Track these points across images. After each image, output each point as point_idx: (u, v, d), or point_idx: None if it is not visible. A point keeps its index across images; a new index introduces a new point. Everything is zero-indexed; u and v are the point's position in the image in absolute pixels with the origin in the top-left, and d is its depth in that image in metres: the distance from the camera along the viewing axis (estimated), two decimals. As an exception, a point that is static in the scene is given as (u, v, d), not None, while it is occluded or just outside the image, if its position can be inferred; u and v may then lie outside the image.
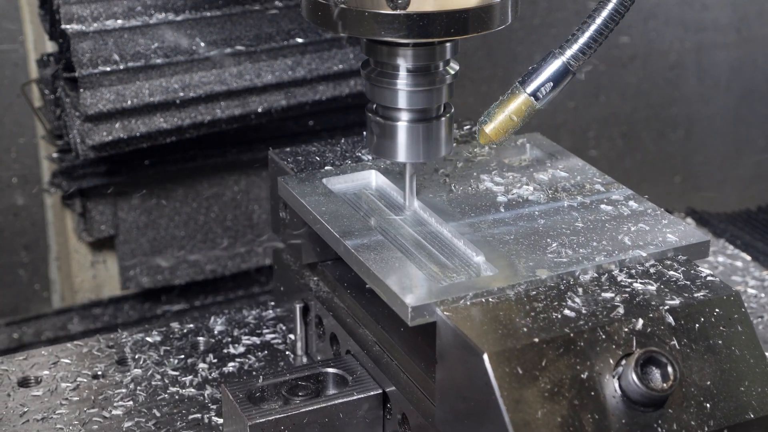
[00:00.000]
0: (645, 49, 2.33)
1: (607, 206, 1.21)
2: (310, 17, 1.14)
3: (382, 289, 1.08)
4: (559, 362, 0.98)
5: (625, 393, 0.99)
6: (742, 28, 2.41)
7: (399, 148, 1.20)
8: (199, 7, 1.62)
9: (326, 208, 1.21)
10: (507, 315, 1.02)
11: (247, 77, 1.63)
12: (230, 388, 1.15)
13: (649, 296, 1.05)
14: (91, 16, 1.57)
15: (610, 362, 0.99)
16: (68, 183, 1.71)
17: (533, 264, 1.09)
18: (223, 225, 1.83)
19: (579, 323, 1.01)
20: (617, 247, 1.12)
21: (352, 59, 1.68)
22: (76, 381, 1.27)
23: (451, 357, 1.02)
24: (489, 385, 0.97)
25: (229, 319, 1.39)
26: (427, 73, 1.17)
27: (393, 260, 1.11)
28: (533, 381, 0.97)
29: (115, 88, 1.56)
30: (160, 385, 1.27)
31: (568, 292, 1.06)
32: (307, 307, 1.32)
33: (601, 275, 1.09)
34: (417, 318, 1.04)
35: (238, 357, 1.32)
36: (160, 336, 1.36)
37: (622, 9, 1.14)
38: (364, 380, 1.17)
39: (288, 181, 1.27)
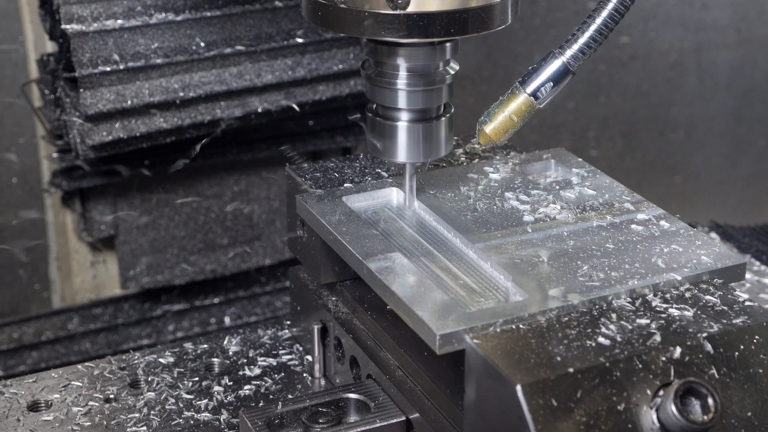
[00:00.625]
0: (645, 49, 2.33)
1: (638, 226, 1.17)
2: (310, 17, 1.14)
3: (408, 315, 1.04)
4: (594, 393, 0.94)
5: (664, 425, 0.95)
6: (742, 28, 2.41)
7: (399, 148, 1.20)
8: (199, 7, 1.62)
9: (347, 228, 1.17)
10: (539, 343, 0.98)
11: (247, 77, 1.63)
12: (248, 415, 1.12)
13: (686, 323, 1.01)
14: (91, 16, 1.57)
15: (648, 393, 0.96)
16: (68, 183, 1.71)
17: (564, 288, 1.05)
18: (223, 225, 1.83)
19: (614, 352, 0.97)
20: (650, 270, 1.08)
21: (352, 59, 1.68)
22: (87, 405, 1.24)
23: (481, 386, 0.98)
24: (522, 418, 0.93)
25: (244, 339, 1.35)
26: (427, 73, 1.17)
27: (419, 284, 1.07)
28: (568, 413, 0.93)
29: (115, 88, 1.56)
30: (174, 410, 1.23)
31: (601, 318, 1.02)
32: (326, 328, 1.27)
33: (635, 300, 1.05)
34: (445, 346, 1.00)
35: (254, 379, 1.29)
36: (174, 357, 1.32)
37: (622, 9, 1.14)
38: (386, 407, 1.13)
39: (306, 199, 1.23)
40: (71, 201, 1.76)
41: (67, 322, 1.81)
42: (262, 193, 1.84)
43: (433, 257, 1.15)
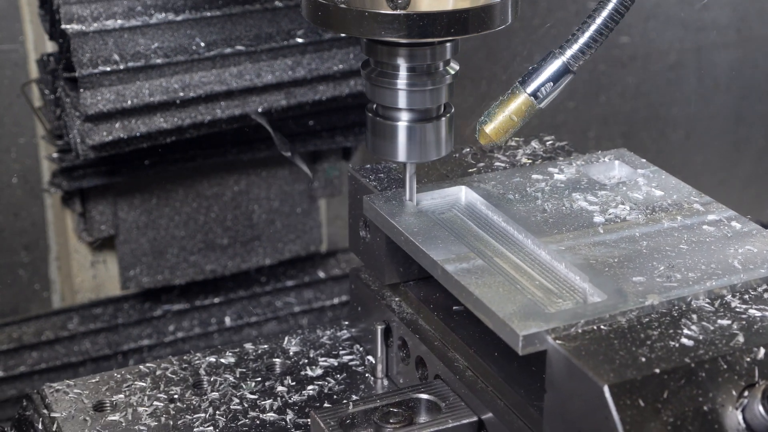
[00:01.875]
0: (645, 49, 2.33)
1: (710, 227, 1.16)
2: (310, 17, 1.14)
3: (488, 316, 1.03)
4: (680, 393, 0.94)
5: (750, 426, 0.95)
6: (742, 28, 2.41)
7: (399, 148, 1.20)
8: (199, 7, 1.62)
9: (418, 229, 1.16)
10: (622, 343, 0.98)
11: (247, 77, 1.63)
12: (320, 415, 1.11)
13: (767, 322, 1.01)
14: (91, 16, 1.57)
15: (733, 394, 0.96)
16: (68, 183, 1.71)
17: (642, 289, 1.05)
18: (223, 225, 1.83)
19: (699, 352, 0.96)
20: (727, 271, 1.08)
21: (352, 59, 1.68)
22: (152, 405, 1.24)
23: (564, 387, 0.98)
24: (610, 419, 0.92)
25: (304, 339, 1.35)
26: (427, 73, 1.17)
27: (497, 285, 1.06)
28: (655, 414, 0.93)
29: (115, 88, 1.56)
30: (239, 410, 1.23)
31: (682, 319, 1.01)
32: (389, 329, 1.26)
33: (713, 300, 1.04)
34: (528, 347, 0.99)
35: (316, 379, 1.28)
36: (234, 357, 1.32)
37: (622, 9, 1.14)
38: (457, 407, 1.12)
39: (374, 200, 1.22)
40: (71, 201, 1.76)
41: (67, 322, 1.81)
42: (262, 193, 1.84)
43: (506, 258, 1.14)
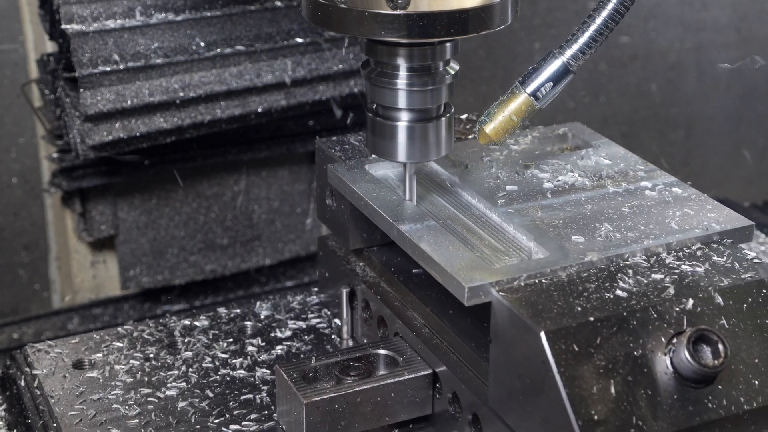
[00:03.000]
0: (645, 49, 2.33)
1: (652, 192, 1.23)
2: (310, 17, 1.14)
3: (438, 271, 1.10)
4: (613, 340, 1.01)
5: (677, 370, 1.01)
6: (742, 28, 2.41)
7: (399, 148, 1.20)
8: (199, 7, 1.62)
9: (377, 194, 1.23)
10: (561, 295, 1.05)
11: (247, 77, 1.63)
12: (284, 368, 1.18)
13: (697, 277, 1.08)
14: (91, 16, 1.57)
15: (662, 340, 1.02)
16: (68, 183, 1.71)
17: (583, 247, 1.12)
18: (223, 225, 1.83)
19: (631, 303, 1.04)
20: (664, 231, 1.15)
21: (352, 59, 1.68)
22: (129, 363, 1.30)
23: (506, 336, 1.05)
24: (546, 363, 0.99)
25: (275, 304, 1.41)
26: (427, 73, 1.17)
27: (447, 243, 1.14)
28: (589, 358, 1.00)
29: (115, 88, 1.56)
30: (211, 367, 1.30)
31: (618, 274, 1.08)
32: (354, 292, 1.33)
33: (649, 258, 1.11)
34: (473, 298, 1.06)
35: (285, 340, 1.35)
36: (208, 321, 1.38)
37: (622, 9, 1.14)
38: (414, 361, 1.20)
39: (338, 168, 1.29)
40: (71, 201, 1.76)
41: (67, 322, 1.81)
42: (262, 193, 1.84)
43: (458, 220, 1.21)
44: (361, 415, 1.17)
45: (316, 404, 1.14)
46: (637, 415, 0.99)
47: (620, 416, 0.99)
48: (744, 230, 1.17)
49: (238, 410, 1.23)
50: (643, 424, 0.99)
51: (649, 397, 1.00)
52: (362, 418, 1.17)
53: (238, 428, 1.20)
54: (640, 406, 1.00)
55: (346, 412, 1.16)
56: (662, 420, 1.00)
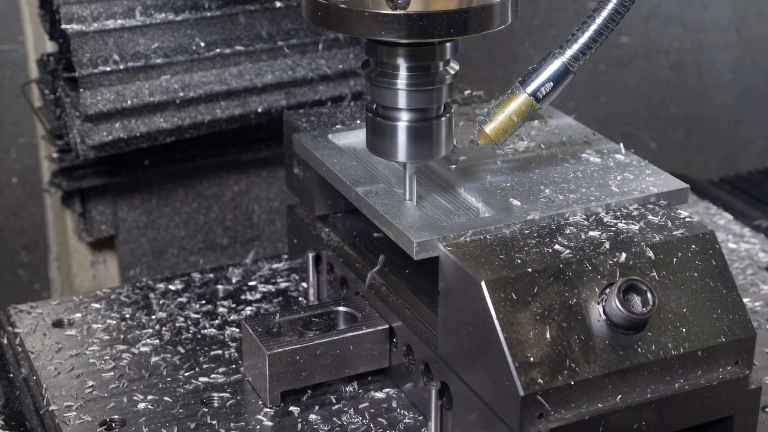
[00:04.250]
0: (645, 49, 2.33)
1: (596, 158, 1.30)
2: (310, 17, 1.14)
3: (390, 228, 1.18)
4: (549, 290, 1.09)
5: (609, 317, 1.09)
6: (742, 28, 2.41)
7: (399, 148, 1.20)
8: (199, 7, 1.62)
9: (337, 161, 1.31)
10: (503, 249, 1.12)
11: (247, 77, 1.63)
12: (250, 323, 1.26)
13: (632, 234, 1.15)
14: (91, 16, 1.57)
15: (596, 290, 1.10)
16: (68, 183, 1.71)
17: (527, 207, 1.19)
18: (223, 225, 1.83)
19: (568, 256, 1.11)
20: (604, 193, 1.22)
21: (352, 59, 1.68)
22: (105, 323, 1.39)
23: (452, 288, 1.12)
24: (486, 310, 1.07)
25: (246, 270, 1.49)
26: (427, 73, 1.17)
27: (399, 204, 1.21)
28: (526, 306, 1.08)
29: (115, 88, 1.56)
30: (183, 326, 1.38)
31: (558, 231, 1.16)
32: (319, 256, 1.41)
33: (589, 217, 1.19)
34: (421, 252, 1.14)
35: (255, 302, 1.43)
36: (182, 284, 1.47)
37: (622, 9, 1.14)
38: (372, 317, 1.28)
39: (302, 137, 1.37)
40: (71, 201, 1.76)
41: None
42: (262, 193, 1.84)
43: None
44: (322, 366, 1.24)
45: (279, 355, 1.22)
46: (571, 358, 1.07)
47: (554, 359, 1.06)
48: (679, 192, 1.24)
49: (207, 364, 1.31)
50: (576, 366, 1.07)
51: (582, 342, 1.08)
52: (322, 370, 1.24)
53: (206, 380, 1.28)
54: (573, 350, 1.07)
55: (307, 363, 1.23)
56: (594, 363, 1.07)
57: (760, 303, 1.43)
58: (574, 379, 1.06)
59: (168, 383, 1.27)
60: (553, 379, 1.06)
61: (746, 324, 1.14)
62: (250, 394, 1.26)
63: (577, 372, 1.06)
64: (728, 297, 1.14)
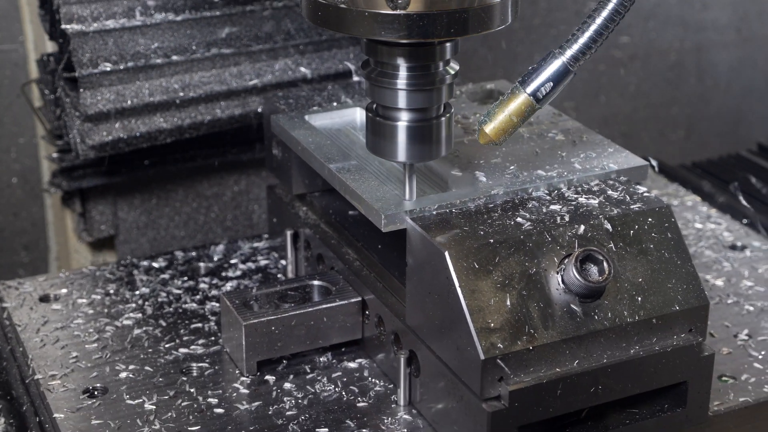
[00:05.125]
0: (645, 49, 2.33)
1: (561, 137, 1.37)
2: (310, 17, 1.14)
3: (360, 202, 1.23)
4: (510, 259, 1.14)
5: (567, 285, 1.14)
6: (742, 28, 2.41)
7: (399, 148, 1.20)
8: (199, 7, 1.62)
9: (312, 140, 1.36)
10: (467, 222, 1.18)
11: (247, 77, 1.63)
12: (228, 296, 1.32)
13: (591, 208, 1.21)
14: (91, 16, 1.57)
15: (555, 260, 1.15)
16: (68, 183, 1.71)
17: (492, 183, 1.24)
18: (223, 225, 1.83)
19: (529, 228, 1.16)
20: (567, 170, 1.28)
21: (352, 59, 1.68)
22: (90, 297, 1.45)
23: (419, 259, 1.17)
24: (449, 278, 1.12)
25: (227, 248, 1.56)
26: (427, 73, 1.17)
27: (370, 179, 1.26)
28: (488, 274, 1.13)
29: (115, 88, 1.56)
30: (165, 301, 1.44)
31: (521, 206, 1.21)
32: (297, 234, 1.46)
33: (551, 192, 1.24)
34: (389, 225, 1.19)
35: (235, 278, 1.49)
36: (166, 262, 1.53)
37: (622, 9, 1.14)
38: (345, 290, 1.33)
39: (279, 118, 1.43)
40: (71, 201, 1.76)
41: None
42: (262, 193, 1.84)
43: (383, 162, 1.31)
44: (296, 337, 1.30)
45: (255, 326, 1.27)
46: (530, 325, 1.12)
47: (514, 325, 1.11)
48: (639, 169, 1.29)
49: (187, 336, 1.37)
50: (535, 332, 1.12)
51: (541, 309, 1.13)
52: (297, 340, 1.30)
53: (186, 351, 1.34)
54: (532, 317, 1.12)
55: (282, 334, 1.29)
56: (552, 329, 1.12)
57: (722, 279, 1.50)
58: (533, 344, 1.11)
59: (149, 354, 1.33)
60: (512, 344, 1.11)
61: (699, 294, 1.19)
62: (228, 364, 1.31)
63: (536, 337, 1.12)
64: (683, 268, 1.19)
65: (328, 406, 1.24)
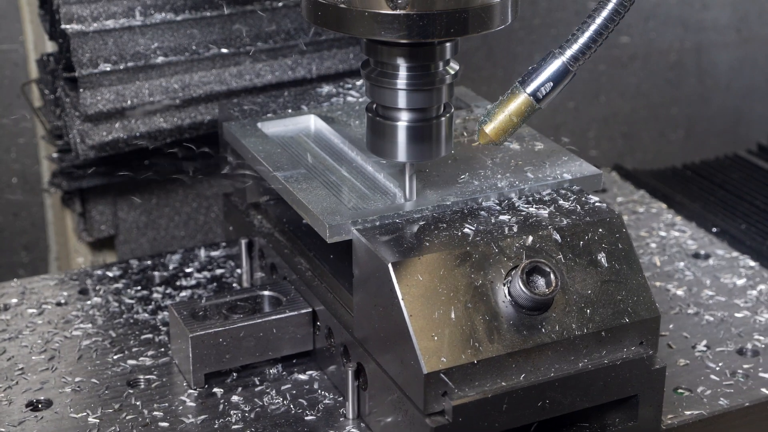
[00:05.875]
0: (645, 49, 2.33)
1: (516, 145, 1.34)
2: (310, 17, 1.14)
3: (305, 212, 1.22)
4: (456, 272, 1.11)
5: (513, 298, 1.12)
6: (742, 28, 2.41)
7: (399, 148, 1.20)
8: (199, 7, 1.62)
9: (263, 148, 1.35)
10: (413, 233, 1.15)
11: (247, 77, 1.63)
12: (176, 307, 1.30)
13: (541, 218, 1.18)
14: (91, 16, 1.57)
15: (502, 272, 1.13)
16: (68, 183, 1.71)
17: (442, 192, 1.22)
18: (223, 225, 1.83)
19: (476, 239, 1.14)
20: (519, 179, 1.25)
21: (352, 59, 1.68)
22: (41, 308, 1.43)
23: (365, 271, 1.15)
24: (393, 291, 1.10)
25: (183, 257, 1.54)
26: (427, 73, 1.17)
27: (318, 189, 1.25)
28: (432, 287, 1.10)
29: (115, 88, 1.56)
30: (117, 311, 1.43)
31: (470, 216, 1.19)
32: (252, 243, 1.44)
33: (501, 202, 1.22)
34: (334, 236, 1.17)
35: (189, 288, 1.47)
36: (120, 271, 1.52)
37: (622, 9, 1.14)
38: (296, 301, 1.31)
39: (231, 126, 1.41)
40: (71, 201, 1.76)
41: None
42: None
43: (334, 171, 1.32)
44: (245, 349, 1.28)
45: (202, 338, 1.25)
46: (475, 338, 1.10)
47: (459, 338, 1.09)
48: (592, 179, 1.27)
49: (137, 348, 1.35)
50: (480, 346, 1.10)
51: (487, 322, 1.10)
52: (246, 352, 1.28)
53: (134, 363, 1.32)
54: (478, 330, 1.10)
55: (230, 346, 1.27)
56: (498, 342, 1.10)
57: (683, 289, 1.48)
58: (478, 357, 1.09)
59: (97, 366, 1.31)
60: (456, 358, 1.09)
61: (650, 305, 1.17)
62: (176, 377, 1.30)
63: (481, 351, 1.09)
64: (633, 279, 1.17)
65: (275, 419, 1.23)
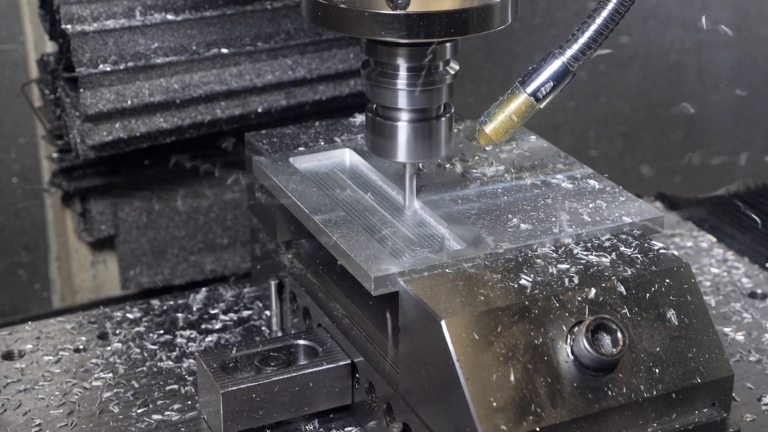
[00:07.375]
0: (645, 49, 2.33)
1: (568, 184, 1.25)
2: (310, 17, 1.14)
3: (348, 261, 1.13)
4: (513, 328, 1.03)
5: (577, 358, 1.03)
6: (742, 28, 2.41)
7: (399, 148, 1.20)
8: (199, 7, 1.62)
9: (297, 186, 1.25)
10: (465, 285, 1.06)
11: (247, 77, 1.63)
12: (204, 358, 1.20)
13: (602, 268, 1.09)
14: (91, 16, 1.57)
15: (563, 329, 1.04)
16: (68, 183, 1.71)
17: (493, 238, 1.13)
18: (223, 225, 1.83)
19: (534, 292, 1.05)
20: (575, 223, 1.16)
21: (352, 59, 1.68)
22: (58, 354, 1.33)
23: (413, 325, 1.06)
24: (447, 351, 1.01)
25: (208, 297, 1.44)
26: (427, 73, 1.17)
27: (359, 234, 1.15)
28: (489, 346, 1.01)
29: (115, 88, 1.56)
30: (139, 359, 1.32)
31: (525, 265, 1.10)
32: (282, 284, 1.35)
33: (558, 248, 1.13)
34: (380, 288, 1.08)
35: (216, 332, 1.37)
36: (140, 312, 1.42)
37: (622, 9, 1.14)
38: (333, 351, 1.21)
39: (262, 161, 1.32)
40: (71, 201, 1.76)
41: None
42: (262, 193, 1.84)
43: (375, 212, 1.23)
44: (280, 404, 1.17)
45: (234, 393, 1.15)
46: (536, 402, 1.01)
47: (519, 403, 1.00)
48: (655, 221, 1.18)
49: (162, 400, 1.25)
50: (542, 411, 1.01)
51: (548, 384, 1.02)
52: (281, 408, 1.18)
53: (160, 418, 1.22)
54: (539, 394, 1.01)
55: (264, 401, 1.17)
56: (561, 407, 1.01)
57: (742, 333, 1.36)
58: (540, 424, 1.01)
59: (119, 421, 1.22)
60: (517, 425, 1.00)
61: (723, 363, 1.08)
62: None
63: (543, 417, 1.01)
64: (704, 334, 1.08)
65: (312, 479, 1.16)
